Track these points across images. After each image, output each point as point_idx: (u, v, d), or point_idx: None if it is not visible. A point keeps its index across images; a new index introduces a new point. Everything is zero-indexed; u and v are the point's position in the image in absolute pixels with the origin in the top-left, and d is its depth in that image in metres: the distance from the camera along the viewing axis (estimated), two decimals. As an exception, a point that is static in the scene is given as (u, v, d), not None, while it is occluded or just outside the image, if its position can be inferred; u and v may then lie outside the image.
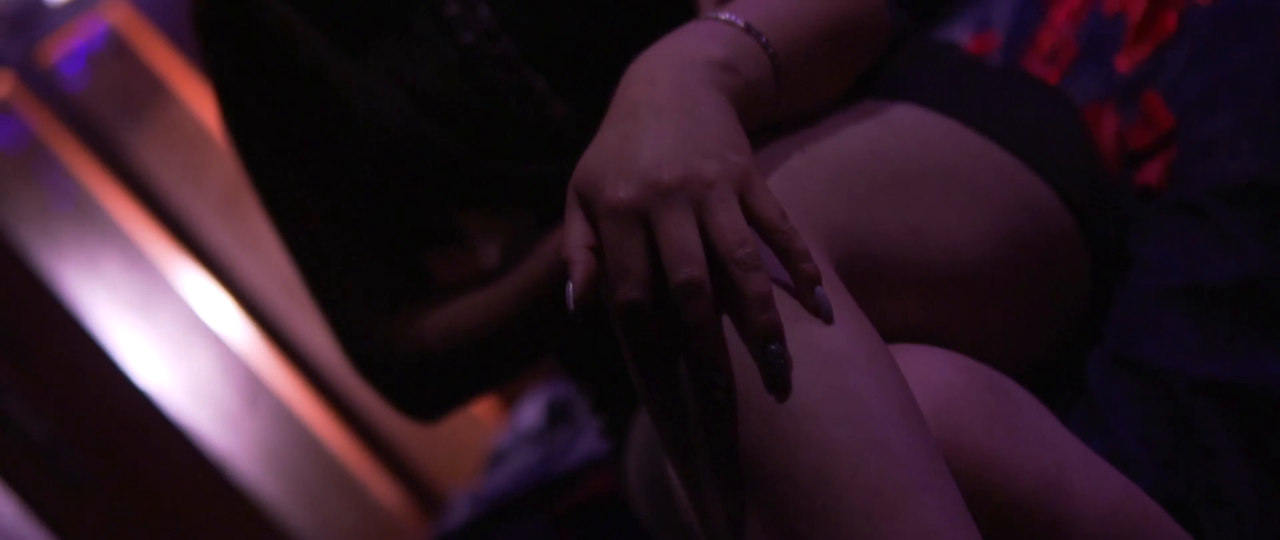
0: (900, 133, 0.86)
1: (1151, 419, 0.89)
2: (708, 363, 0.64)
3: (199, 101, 2.43)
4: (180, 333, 2.33)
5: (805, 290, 0.66)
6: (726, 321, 0.66)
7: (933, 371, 0.76)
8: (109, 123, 2.40)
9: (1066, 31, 1.22)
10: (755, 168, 0.68)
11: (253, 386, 2.37)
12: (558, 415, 1.57)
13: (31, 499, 2.13)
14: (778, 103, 0.79)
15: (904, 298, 0.81)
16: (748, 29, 0.77)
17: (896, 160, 0.83)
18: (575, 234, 0.68)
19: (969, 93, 0.95)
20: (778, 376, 0.64)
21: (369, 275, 1.06)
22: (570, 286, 0.67)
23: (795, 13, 0.83)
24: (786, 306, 0.67)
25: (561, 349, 1.12)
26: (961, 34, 1.46)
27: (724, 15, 0.79)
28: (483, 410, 2.32)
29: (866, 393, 0.66)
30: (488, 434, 1.97)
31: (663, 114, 0.69)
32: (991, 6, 1.48)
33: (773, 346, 0.64)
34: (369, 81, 1.00)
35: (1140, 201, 1.00)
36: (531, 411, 1.65)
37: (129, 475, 2.18)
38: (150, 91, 2.41)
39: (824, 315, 0.65)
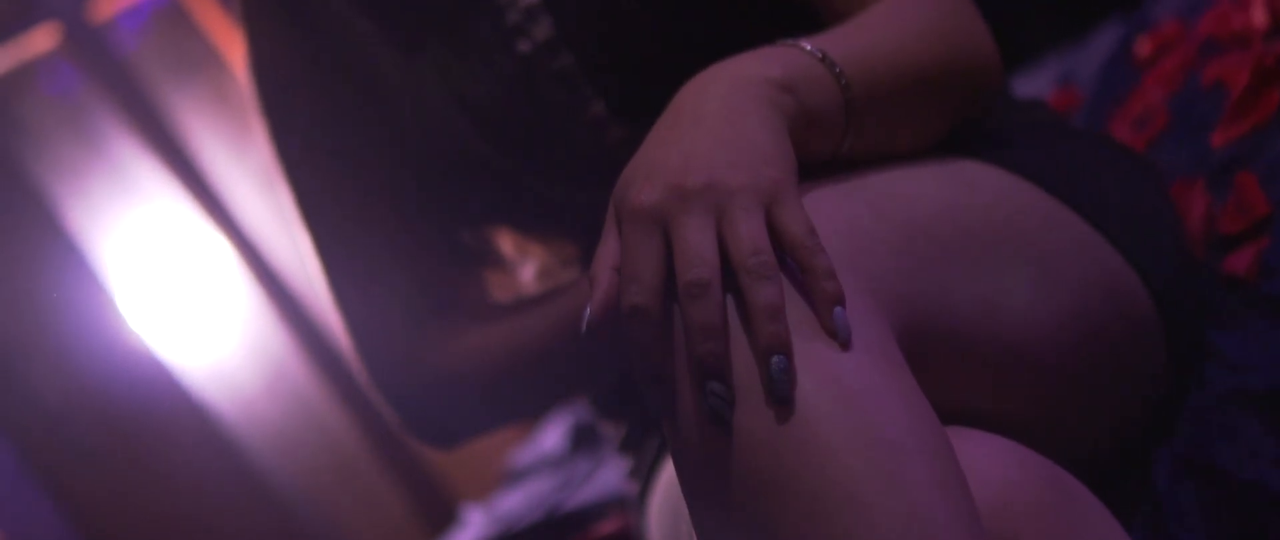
0: (979, 196, 0.81)
1: (1223, 532, 0.83)
2: (709, 369, 0.62)
3: (250, 75, 2.40)
4: (204, 309, 2.30)
5: (824, 310, 0.63)
6: (742, 347, 0.63)
7: (993, 464, 0.70)
8: (156, 85, 2.37)
9: (1158, 97, 1.16)
10: (792, 183, 0.66)
11: (273, 371, 2.33)
12: (581, 441, 1.53)
13: (38, 465, 2.10)
14: (846, 137, 0.77)
15: (968, 376, 0.75)
16: (822, 58, 0.75)
17: (972, 226, 0.78)
18: (605, 252, 0.67)
19: (1055, 158, 0.89)
20: (780, 392, 0.61)
21: (396, 285, 1.01)
22: (589, 307, 0.65)
23: (887, 53, 0.79)
24: (818, 354, 0.63)
25: (593, 387, 1.06)
26: (1042, 87, 1.40)
27: (803, 44, 0.76)
28: (506, 424, 2.28)
29: (917, 479, 0.61)
30: (507, 449, 1.94)
31: (702, 122, 0.68)
32: (1076, 59, 1.42)
33: (776, 359, 0.61)
34: (418, 84, 0.96)
35: (1225, 291, 0.95)
36: (554, 434, 1.61)
37: (137, 449, 2.15)
38: (202, 58, 2.38)
39: (842, 338, 0.63)
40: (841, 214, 0.72)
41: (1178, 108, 1.12)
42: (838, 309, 0.63)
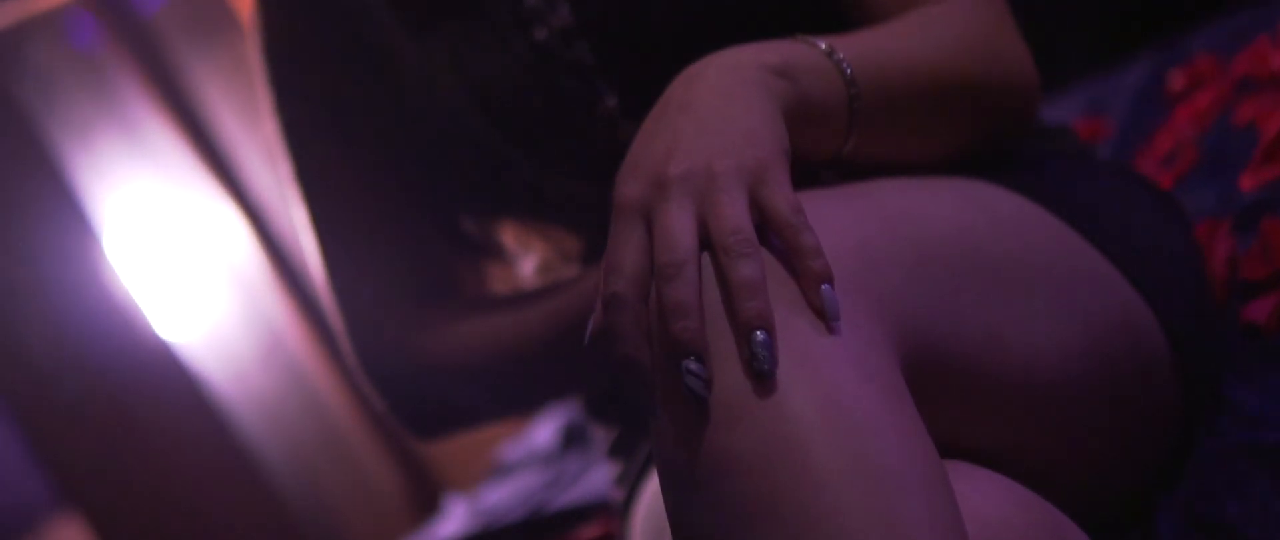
0: (996, 221, 0.78)
1: (1225, 591, 0.80)
2: (684, 347, 0.60)
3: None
4: (205, 274, 2.28)
5: (811, 288, 0.62)
6: (725, 332, 0.62)
7: (989, 503, 0.68)
8: (176, 49, 2.35)
9: (1188, 135, 1.13)
10: (779, 164, 0.66)
11: (269, 343, 2.31)
12: (572, 439, 1.51)
13: (25, 423, 2.08)
14: (850, 136, 0.76)
15: (971, 408, 0.73)
16: (829, 52, 0.75)
17: (987, 252, 0.75)
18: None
19: (1078, 190, 0.87)
20: (762, 366, 0.60)
21: (392, 268, 0.99)
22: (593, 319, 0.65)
23: (906, 58, 0.78)
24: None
25: (585, 388, 1.04)
26: (1070, 113, 1.37)
27: (813, 39, 0.76)
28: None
29: (910, 515, 0.59)
30: (498, 440, 1.91)
31: (689, 110, 0.68)
32: (1107, 88, 1.40)
33: (759, 335, 0.60)
34: (429, 64, 0.93)
35: (1244, 340, 0.93)
36: (546, 430, 1.58)
37: (124, 409, 2.13)
38: (224, 26, 2.37)
39: (829, 316, 0.62)
40: (853, 233, 0.70)
41: (1208, 146, 1.10)
42: (826, 287, 0.62)
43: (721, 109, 0.68)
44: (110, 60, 2.27)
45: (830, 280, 0.62)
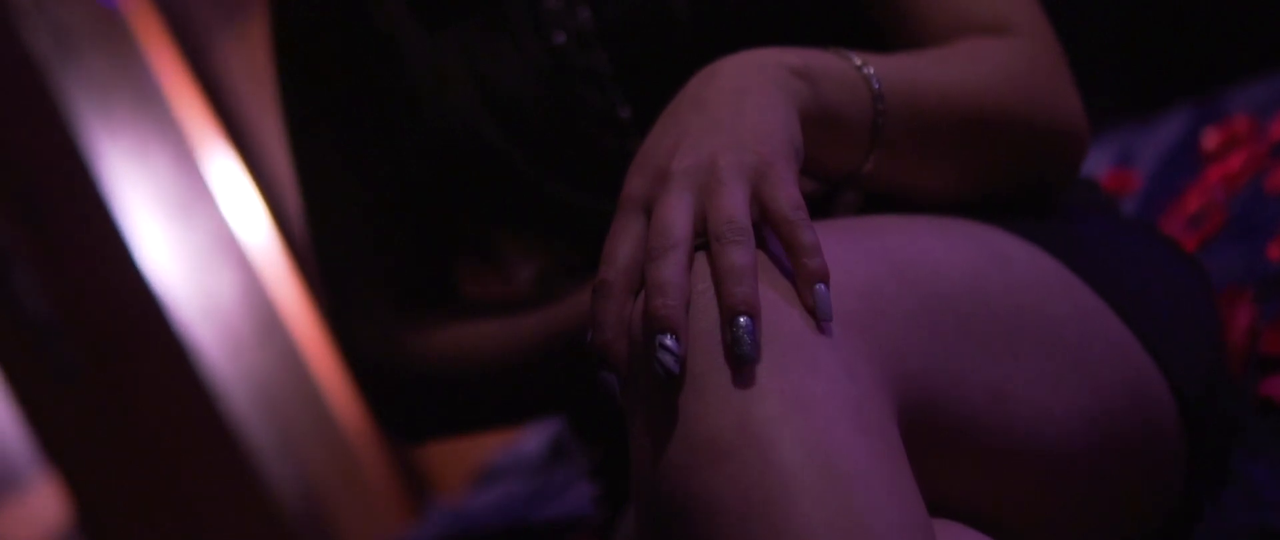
0: (1011, 275, 0.76)
1: None
2: (660, 324, 0.59)
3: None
4: (210, 245, 2.26)
5: (805, 287, 0.61)
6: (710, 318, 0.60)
7: (976, 567, 0.66)
8: (198, 9, 2.34)
9: (1218, 197, 1.10)
10: (785, 161, 0.65)
11: (268, 320, 2.30)
12: (559, 452, 1.48)
13: (17, 383, 2.07)
14: (871, 154, 0.75)
15: (967, 466, 0.71)
16: (859, 66, 0.74)
17: (998, 306, 0.73)
18: None
19: (1100, 247, 0.85)
20: (742, 351, 0.59)
21: (387, 264, 0.97)
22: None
23: (943, 83, 0.77)
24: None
25: (572, 406, 1.01)
26: (1098, 164, 1.34)
27: (846, 52, 0.75)
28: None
29: None
30: (487, 444, 1.90)
31: (700, 106, 0.68)
32: (1138, 140, 1.36)
33: (742, 320, 0.59)
34: (441, 61, 0.91)
35: (1258, 416, 0.90)
36: (536, 439, 1.56)
37: (119, 378, 2.12)
38: (250, -1, 2.36)
39: (821, 316, 0.61)
40: (860, 272, 0.67)
41: (1237, 210, 1.08)
42: (820, 286, 0.61)
43: (734, 105, 0.67)
44: (131, 18, 2.25)
45: (826, 280, 0.62)
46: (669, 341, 0.59)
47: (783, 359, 0.60)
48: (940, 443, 0.68)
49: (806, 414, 0.58)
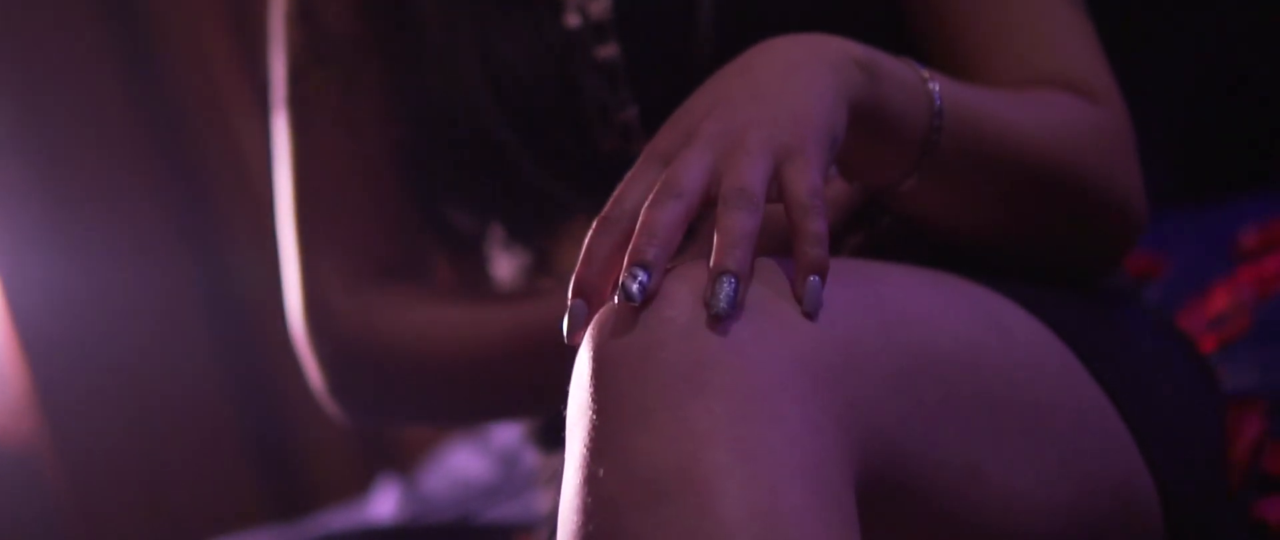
0: (1009, 350, 0.71)
1: None
2: (638, 258, 0.58)
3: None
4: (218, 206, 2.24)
5: (800, 276, 0.60)
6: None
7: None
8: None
9: (1247, 299, 1.06)
10: (817, 146, 0.63)
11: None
12: (520, 453, 1.44)
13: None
14: (915, 171, 0.72)
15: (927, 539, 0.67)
16: (925, 79, 0.71)
17: (988, 380, 0.69)
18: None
19: (1109, 337, 0.80)
20: (718, 307, 0.57)
21: (364, 233, 0.94)
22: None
23: (1004, 115, 0.74)
24: None
25: (535, 411, 0.97)
26: (1128, 244, 1.30)
27: (914, 62, 0.72)
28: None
29: None
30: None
31: (748, 73, 0.66)
32: (1171, 226, 1.31)
33: (727, 280, 0.57)
34: (451, 35, 0.89)
35: (1250, 535, 0.86)
36: (504, 432, 1.52)
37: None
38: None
39: (808, 307, 0.60)
40: (845, 324, 0.63)
41: (1264, 315, 1.03)
42: (814, 278, 0.60)
43: (781, 80, 0.65)
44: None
45: (824, 273, 0.60)
46: (642, 275, 0.58)
47: (745, 405, 0.56)
48: (905, 513, 0.64)
49: (757, 466, 0.54)
